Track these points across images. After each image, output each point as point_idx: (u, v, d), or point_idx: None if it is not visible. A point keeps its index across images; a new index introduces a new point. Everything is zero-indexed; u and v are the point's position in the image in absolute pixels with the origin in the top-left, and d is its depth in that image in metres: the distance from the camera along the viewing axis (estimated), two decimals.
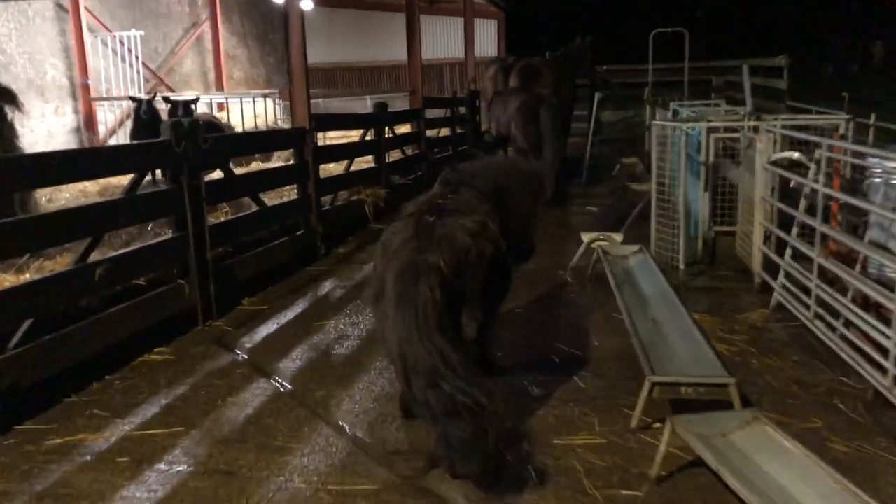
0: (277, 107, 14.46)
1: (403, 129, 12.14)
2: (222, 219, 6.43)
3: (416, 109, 11.43)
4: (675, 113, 8.95)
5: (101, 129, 13.70)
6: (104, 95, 13.79)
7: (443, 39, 20.62)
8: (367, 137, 9.49)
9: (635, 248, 6.22)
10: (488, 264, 3.51)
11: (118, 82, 13.99)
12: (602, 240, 6.63)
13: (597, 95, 12.19)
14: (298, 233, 7.13)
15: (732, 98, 14.22)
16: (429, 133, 12.59)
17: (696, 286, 6.11)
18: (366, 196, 8.93)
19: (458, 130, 14.10)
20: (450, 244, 3.30)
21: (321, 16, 20.95)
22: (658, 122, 7.47)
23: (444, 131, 13.67)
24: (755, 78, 12.34)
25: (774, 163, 5.61)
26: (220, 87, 16.98)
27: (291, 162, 7.70)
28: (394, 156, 10.97)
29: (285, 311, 5.91)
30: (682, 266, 6.17)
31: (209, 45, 17.05)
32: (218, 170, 6.54)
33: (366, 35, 20.66)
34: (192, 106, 10.17)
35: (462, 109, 14.24)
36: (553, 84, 11.52)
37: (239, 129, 11.74)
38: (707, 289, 6.05)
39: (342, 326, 5.51)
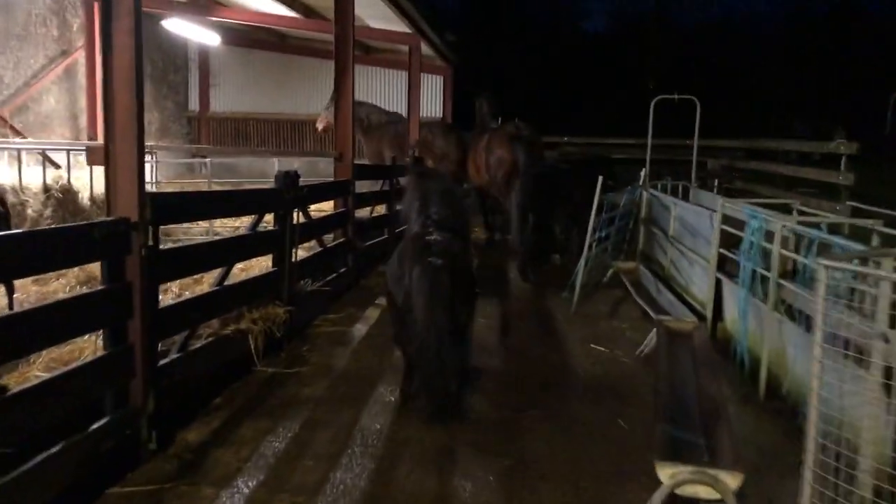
0: (149, 165, 10.96)
1: (324, 206, 8.87)
2: None
3: (343, 182, 8.16)
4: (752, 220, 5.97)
5: None
6: None
7: (381, 94, 17.57)
8: (267, 224, 6.14)
9: None
10: (468, 269, 5.25)
11: None
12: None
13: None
14: (98, 425, 3.66)
15: (750, 191, 11.55)
16: (359, 213, 9.35)
17: None
18: (250, 324, 5.49)
19: (398, 207, 10.86)
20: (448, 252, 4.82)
21: (236, 56, 17.62)
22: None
23: (380, 208, 10.43)
24: (808, 168, 9.71)
25: None
26: (93, 134, 13.29)
27: (94, 288, 4.19)
28: (306, 249, 7.64)
29: None
30: None
31: (83, 81, 13.40)
32: None
33: (289, 83, 17.41)
34: None
35: (403, 181, 11.05)
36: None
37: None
38: None
39: None
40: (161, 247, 4.42)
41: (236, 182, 12.50)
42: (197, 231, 9.83)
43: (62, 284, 6.47)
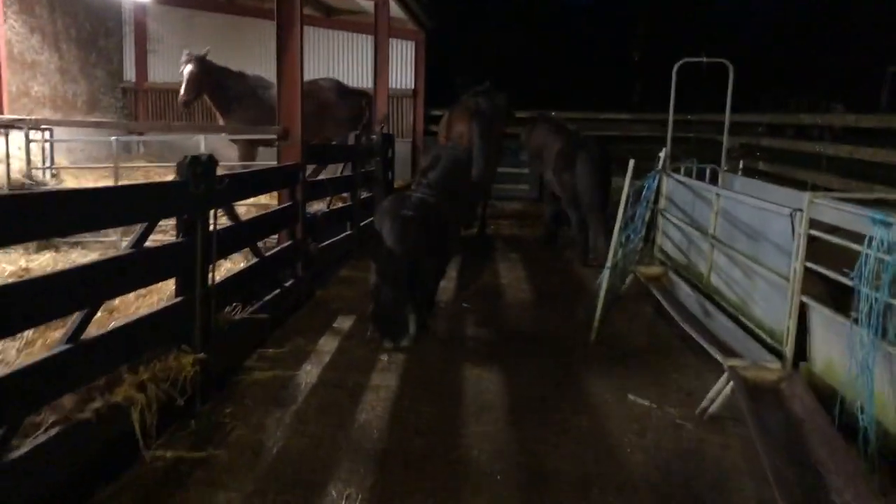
0: (48, 145, 8.92)
1: (266, 199, 6.99)
2: None
3: (289, 168, 6.21)
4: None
5: None
6: None
7: (346, 62, 15.52)
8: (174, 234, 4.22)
9: None
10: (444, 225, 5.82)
11: None
12: None
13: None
14: None
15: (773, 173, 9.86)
16: (314, 206, 7.50)
17: None
18: (134, 391, 3.59)
19: (365, 195, 8.95)
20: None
21: (177, 19, 15.42)
22: None
23: (342, 199, 8.55)
24: (876, 150, 7.90)
25: None
26: None
27: None
28: (234, 263, 5.80)
29: None
30: None
31: None
32: None
33: (241, 49, 15.24)
34: None
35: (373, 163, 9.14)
36: None
37: None
38: None
39: None
40: None
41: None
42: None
43: None
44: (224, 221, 5.34)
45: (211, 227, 4.36)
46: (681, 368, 5.19)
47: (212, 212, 4.39)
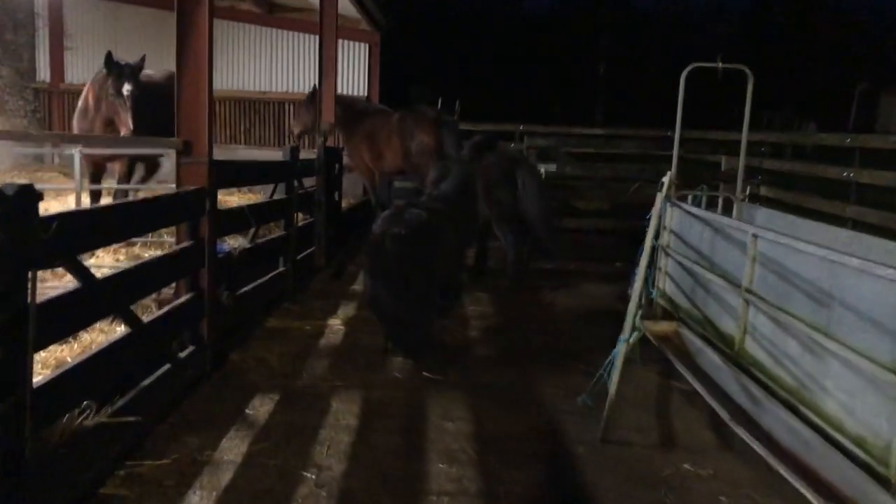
0: None
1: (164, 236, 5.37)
2: None
3: (187, 194, 4.56)
4: None
5: None
6: None
7: (290, 64, 13.88)
8: None
9: None
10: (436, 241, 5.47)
11: None
12: None
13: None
14: None
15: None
16: (228, 242, 5.91)
17: None
18: None
19: (302, 221, 7.35)
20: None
21: (99, 12, 13.60)
22: None
23: (271, 229, 6.95)
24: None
25: None
26: None
27: None
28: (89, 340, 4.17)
29: None
30: None
31: None
32: None
33: (167, 48, 13.52)
34: None
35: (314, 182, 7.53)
36: None
37: None
38: None
39: None
40: None
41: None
42: None
43: None
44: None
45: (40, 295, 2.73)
46: (735, 487, 3.70)
47: (41, 272, 2.76)
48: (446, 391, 4.86)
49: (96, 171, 7.56)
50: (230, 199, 10.48)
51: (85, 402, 3.32)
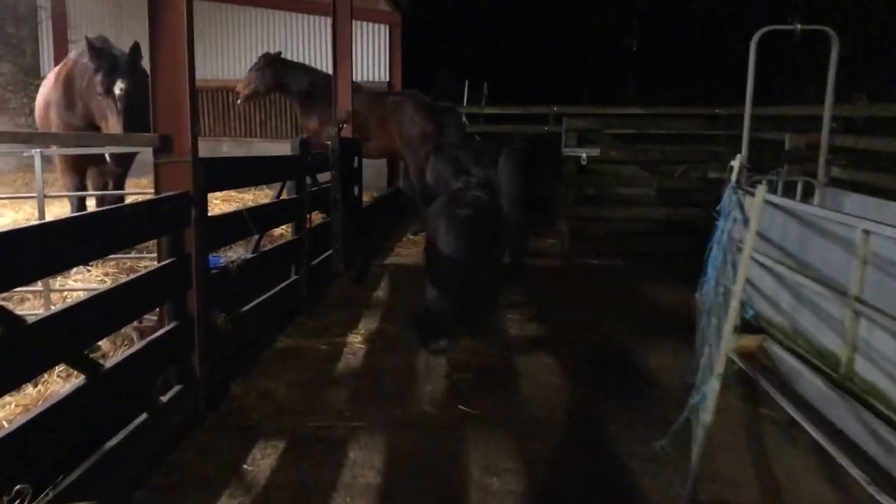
0: None
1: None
2: None
3: (165, 200, 3.73)
4: None
5: None
6: None
7: (307, 49, 13.05)
8: None
9: None
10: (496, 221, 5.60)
11: None
12: None
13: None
14: None
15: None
16: (228, 254, 5.11)
17: None
18: None
19: (317, 223, 6.51)
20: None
21: (103, 3, 12.87)
22: None
23: (277, 238, 6.15)
24: None
25: None
26: None
27: None
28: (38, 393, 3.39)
29: None
30: None
31: None
32: None
33: None
34: None
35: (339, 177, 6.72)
36: None
37: None
38: None
39: None
40: None
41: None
42: None
43: None
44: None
45: None
46: None
47: None
48: (488, 432, 4.00)
49: (78, 176, 6.58)
50: (244, 196, 9.72)
51: (17, 487, 2.51)
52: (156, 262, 3.87)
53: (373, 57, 12.90)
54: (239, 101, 10.40)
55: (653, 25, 25.14)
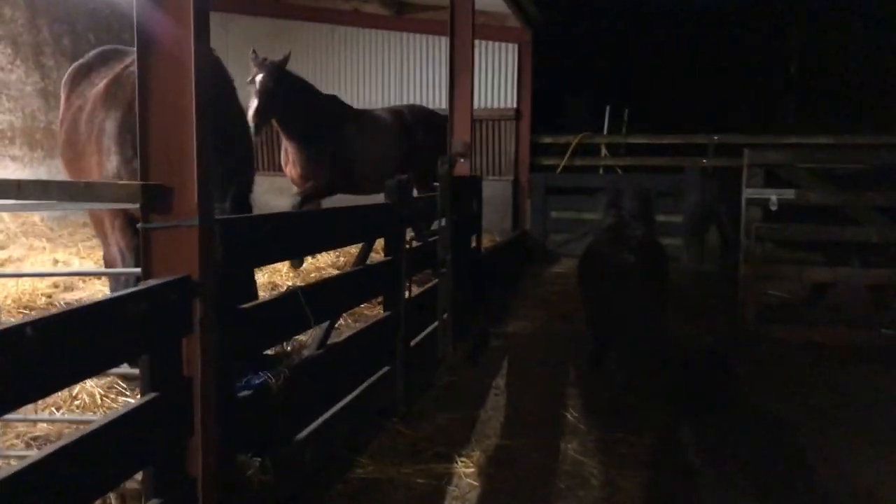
0: None
1: None
2: None
3: (151, 291, 2.20)
4: None
5: None
6: None
7: (421, 72, 11.69)
8: None
9: None
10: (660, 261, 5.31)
11: None
12: None
13: None
14: None
15: None
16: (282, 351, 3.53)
17: None
18: None
19: (418, 290, 4.89)
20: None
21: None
22: None
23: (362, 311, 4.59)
24: None
25: None
26: None
27: None
28: None
29: None
30: None
31: None
32: None
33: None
34: None
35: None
36: None
37: None
38: None
39: None
40: None
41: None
42: None
43: None
44: None
45: None
46: None
47: None
48: None
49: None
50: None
51: None
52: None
53: (498, 79, 11.33)
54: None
55: (813, 44, 22.26)
